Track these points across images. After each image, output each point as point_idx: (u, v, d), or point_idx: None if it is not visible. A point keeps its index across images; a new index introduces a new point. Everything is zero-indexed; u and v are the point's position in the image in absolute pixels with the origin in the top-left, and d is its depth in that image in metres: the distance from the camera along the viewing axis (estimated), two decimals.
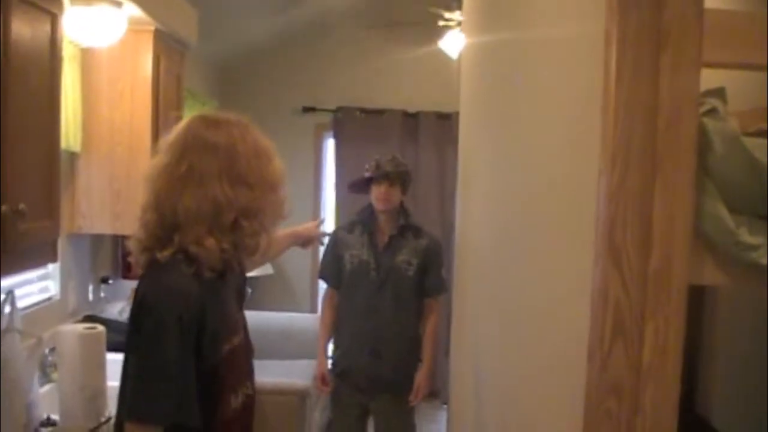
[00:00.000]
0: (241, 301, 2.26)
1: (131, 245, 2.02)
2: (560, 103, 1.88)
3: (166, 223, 1.94)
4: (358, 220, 4.04)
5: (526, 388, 2.09)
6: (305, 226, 3.15)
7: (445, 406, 5.28)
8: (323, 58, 6.70)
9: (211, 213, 1.91)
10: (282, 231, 2.89)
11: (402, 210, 3.99)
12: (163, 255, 1.92)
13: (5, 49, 2.20)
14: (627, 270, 1.35)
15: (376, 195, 3.91)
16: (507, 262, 2.44)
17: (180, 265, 1.91)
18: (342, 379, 4.03)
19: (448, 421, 4.31)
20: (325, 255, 4.16)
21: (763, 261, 1.40)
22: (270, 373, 4.45)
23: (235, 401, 2.05)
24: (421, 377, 3.95)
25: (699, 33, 1.34)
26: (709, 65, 1.38)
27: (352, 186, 4.12)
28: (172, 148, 1.99)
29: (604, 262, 1.36)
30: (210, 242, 1.91)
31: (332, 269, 4.07)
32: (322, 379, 4.06)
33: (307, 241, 3.17)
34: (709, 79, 1.47)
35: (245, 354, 2.17)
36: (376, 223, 3.98)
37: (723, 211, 1.39)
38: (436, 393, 5.61)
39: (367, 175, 3.93)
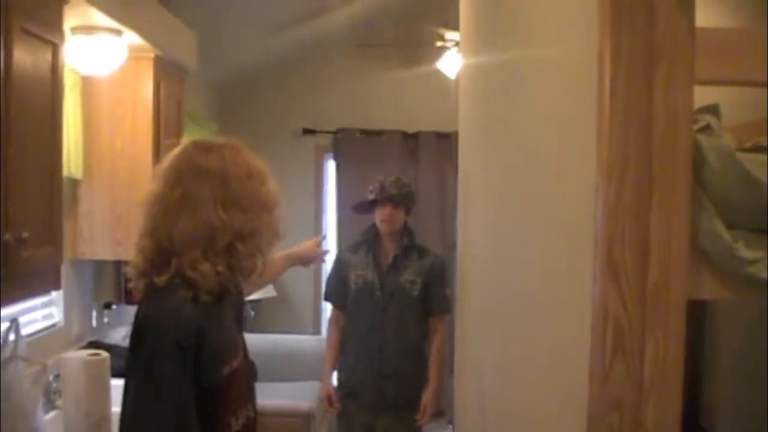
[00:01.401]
0: (240, 324, 2.27)
1: (129, 272, 2.03)
2: (556, 120, 1.90)
3: (162, 249, 1.95)
4: (362, 241, 4.05)
5: (528, 402, 2.10)
6: (303, 246, 3.15)
7: (450, 425, 5.26)
8: (322, 80, 6.74)
9: (206, 237, 1.93)
10: (279, 253, 2.90)
11: (406, 230, 4.02)
12: (161, 280, 1.93)
13: (8, 78, 2.22)
14: (626, 286, 1.36)
15: (380, 217, 3.93)
16: (507, 277, 2.45)
17: (178, 290, 1.92)
18: (348, 398, 4.03)
19: None
20: (329, 276, 4.19)
21: (762, 274, 1.41)
22: (274, 396, 4.45)
23: (236, 424, 2.05)
24: (427, 396, 3.94)
25: (691, 50, 1.36)
26: (703, 82, 1.39)
27: (356, 208, 4.14)
28: (166, 174, 2.01)
29: (603, 278, 1.37)
30: (205, 266, 1.92)
31: (337, 290, 4.09)
32: (329, 399, 4.06)
33: (307, 260, 3.17)
34: (704, 94, 1.49)
35: (246, 376, 2.17)
36: (380, 243, 4.00)
37: (720, 227, 1.40)
38: (442, 412, 5.59)
39: (370, 197, 3.96)
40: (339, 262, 4.14)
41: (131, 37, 3.42)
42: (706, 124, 1.43)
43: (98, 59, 3.30)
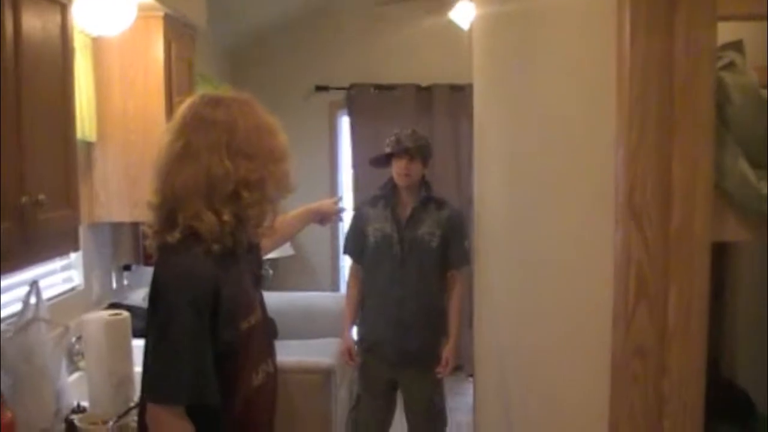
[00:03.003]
0: (257, 281, 2.26)
1: (146, 230, 2.04)
2: (575, 66, 1.86)
3: (168, 203, 1.96)
4: (380, 195, 4.05)
5: (551, 353, 2.09)
6: (319, 202, 3.14)
7: (470, 378, 5.29)
8: (333, 37, 6.67)
9: (207, 185, 1.92)
10: (296, 210, 2.89)
11: (424, 183, 4.00)
12: (173, 236, 1.94)
13: (18, 41, 2.21)
14: (648, 231, 1.34)
15: (397, 170, 3.93)
16: (526, 227, 2.43)
17: (190, 245, 1.92)
18: (369, 353, 4.05)
19: (475, 393, 4.32)
20: (348, 231, 4.20)
21: None
22: (294, 353, 4.47)
23: (256, 379, 2.07)
24: (448, 349, 3.95)
25: None
26: (725, 18, 1.35)
27: (373, 161, 4.13)
28: (172, 128, 2.01)
29: (625, 224, 1.35)
30: (208, 216, 1.92)
31: (356, 244, 4.10)
32: (348, 353, 4.08)
33: (325, 217, 3.16)
34: (727, 32, 1.45)
35: (264, 332, 2.18)
36: (398, 196, 3.99)
37: (744, 166, 1.37)
38: (462, 366, 5.62)
39: (387, 150, 3.94)
40: (357, 216, 4.14)
41: None
42: (729, 61, 1.39)
43: (107, 18, 3.28)
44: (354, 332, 4.17)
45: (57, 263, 3.44)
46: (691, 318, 1.35)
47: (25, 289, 2.75)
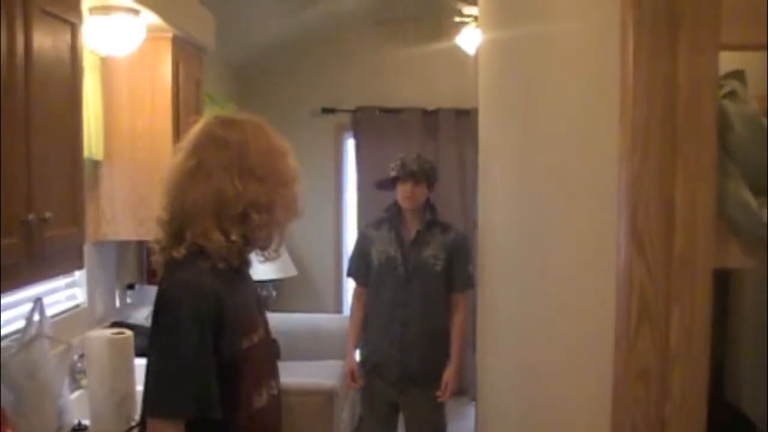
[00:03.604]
0: (260, 300, 2.27)
1: (152, 246, 2.05)
2: (579, 93, 1.87)
3: (177, 220, 1.97)
4: (385, 218, 4.06)
5: (553, 374, 2.09)
6: None
7: (473, 402, 5.27)
8: (341, 59, 6.71)
9: (217, 204, 1.93)
10: None
11: (429, 206, 4.02)
12: (180, 252, 1.94)
13: (28, 59, 2.23)
14: (651, 254, 1.35)
15: (402, 193, 3.94)
16: (531, 250, 2.43)
17: (196, 261, 1.93)
18: (372, 375, 4.04)
19: (477, 417, 4.30)
20: (352, 253, 4.23)
21: None
22: (297, 374, 4.46)
23: (259, 400, 2.06)
24: (449, 373, 3.95)
25: (716, 14, 1.34)
26: (727, 47, 1.37)
27: (378, 184, 4.15)
28: (184, 147, 2.02)
29: (627, 247, 1.36)
30: (216, 235, 1.93)
31: (360, 267, 4.11)
32: (351, 375, 4.08)
33: None
34: (730, 62, 1.46)
35: (267, 353, 2.18)
36: (402, 220, 4.01)
37: (746, 193, 1.38)
38: (465, 389, 5.60)
39: (392, 174, 3.96)
40: (361, 239, 4.16)
41: (149, 17, 3.42)
42: (731, 90, 1.41)
43: (116, 39, 3.31)
44: (357, 354, 4.16)
45: (61, 281, 3.44)
46: (694, 341, 1.35)
47: (29, 305, 2.76)
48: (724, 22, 1.34)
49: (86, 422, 2.86)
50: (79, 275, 3.59)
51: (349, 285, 4.66)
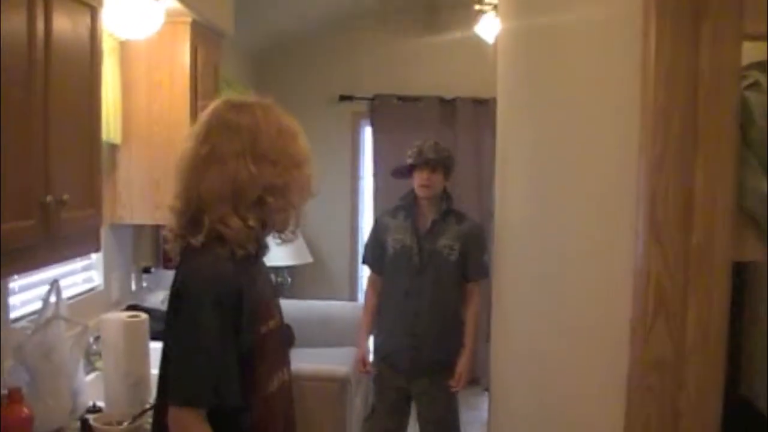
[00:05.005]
0: (275, 287, 2.28)
1: (167, 234, 2.05)
2: (600, 79, 1.86)
3: (193, 207, 1.96)
4: (401, 206, 4.05)
5: (566, 365, 2.08)
6: None
7: (486, 392, 5.27)
8: (359, 46, 6.70)
9: (234, 191, 1.93)
10: None
11: (445, 195, 4.00)
12: (198, 239, 1.94)
13: (48, 42, 2.24)
14: (668, 246, 1.34)
15: (418, 181, 3.92)
16: (547, 240, 2.42)
17: (215, 248, 1.93)
18: (384, 363, 4.05)
19: (490, 407, 4.30)
20: (368, 240, 4.22)
21: None
22: (310, 361, 4.48)
23: (271, 386, 2.07)
24: (462, 362, 3.95)
25: (740, 3, 1.32)
26: (751, 37, 1.35)
27: (395, 172, 4.13)
28: (196, 133, 2.02)
29: (645, 239, 1.35)
30: (234, 221, 1.93)
31: (375, 254, 4.10)
32: (362, 361, 4.09)
33: None
34: (752, 53, 1.44)
35: (280, 339, 2.19)
36: (418, 208, 3.99)
37: (766, 186, 1.37)
38: (478, 379, 5.60)
39: (409, 161, 3.94)
40: (377, 226, 4.15)
41: (168, 1, 3.42)
42: (754, 81, 1.39)
43: (136, 23, 3.31)
44: (371, 342, 4.17)
45: (78, 263, 3.47)
46: (710, 334, 1.34)
47: (46, 287, 2.78)
48: (747, 11, 1.33)
49: (101, 404, 2.89)
50: (95, 258, 3.62)
51: (364, 272, 4.66)
